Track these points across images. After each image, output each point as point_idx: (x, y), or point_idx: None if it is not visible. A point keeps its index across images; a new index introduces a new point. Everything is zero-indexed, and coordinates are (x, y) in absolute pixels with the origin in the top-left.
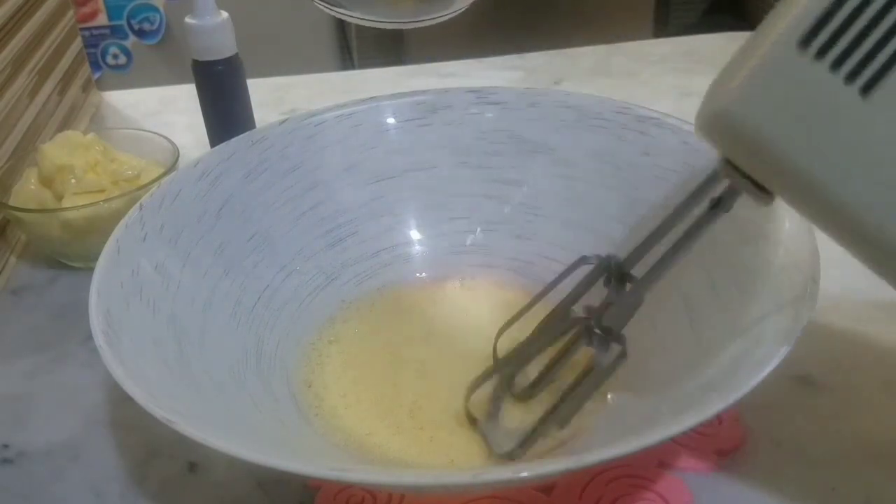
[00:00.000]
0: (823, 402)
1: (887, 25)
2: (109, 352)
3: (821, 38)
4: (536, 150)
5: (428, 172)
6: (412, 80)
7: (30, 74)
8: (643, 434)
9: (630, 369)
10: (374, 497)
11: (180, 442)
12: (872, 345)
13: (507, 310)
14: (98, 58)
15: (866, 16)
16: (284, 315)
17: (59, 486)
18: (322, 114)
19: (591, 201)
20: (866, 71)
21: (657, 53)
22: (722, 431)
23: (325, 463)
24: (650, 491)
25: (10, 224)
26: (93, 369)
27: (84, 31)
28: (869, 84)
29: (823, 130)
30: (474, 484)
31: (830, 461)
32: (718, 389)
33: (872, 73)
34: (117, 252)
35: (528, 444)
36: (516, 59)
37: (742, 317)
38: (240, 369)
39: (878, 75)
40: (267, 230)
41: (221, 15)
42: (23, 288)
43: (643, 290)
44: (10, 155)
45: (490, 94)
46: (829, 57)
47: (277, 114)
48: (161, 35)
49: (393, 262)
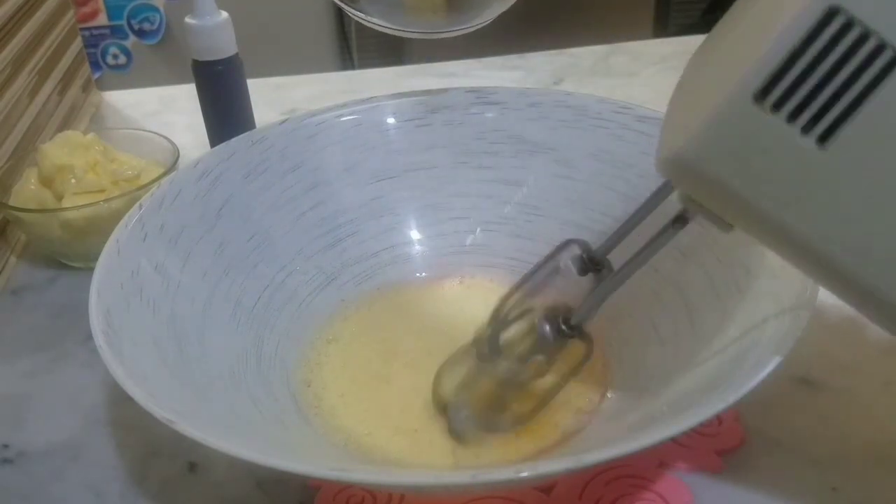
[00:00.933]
0: (823, 402)
1: (841, 79)
2: (109, 352)
3: (777, 91)
4: (536, 150)
5: (428, 172)
6: (412, 80)
7: (30, 74)
8: (643, 434)
9: (630, 369)
10: (374, 497)
11: (180, 442)
12: (872, 345)
13: None
14: (98, 58)
15: (821, 70)
16: (284, 315)
17: (59, 486)
18: (322, 114)
19: (591, 201)
20: (822, 122)
21: (657, 53)
22: (722, 431)
23: (325, 463)
24: (650, 491)
25: (10, 224)
26: (93, 369)
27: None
28: (825, 134)
29: (782, 178)
30: (474, 484)
31: (830, 461)
32: (718, 389)
33: (829, 123)
34: (117, 252)
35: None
36: (516, 59)
37: (742, 317)
38: (240, 369)
39: (835, 125)
40: (267, 230)
41: (221, 15)
42: (23, 288)
43: (605, 294)
44: (10, 155)
45: (490, 94)
46: (785, 109)
47: (277, 114)
48: (161, 35)
49: (393, 261)
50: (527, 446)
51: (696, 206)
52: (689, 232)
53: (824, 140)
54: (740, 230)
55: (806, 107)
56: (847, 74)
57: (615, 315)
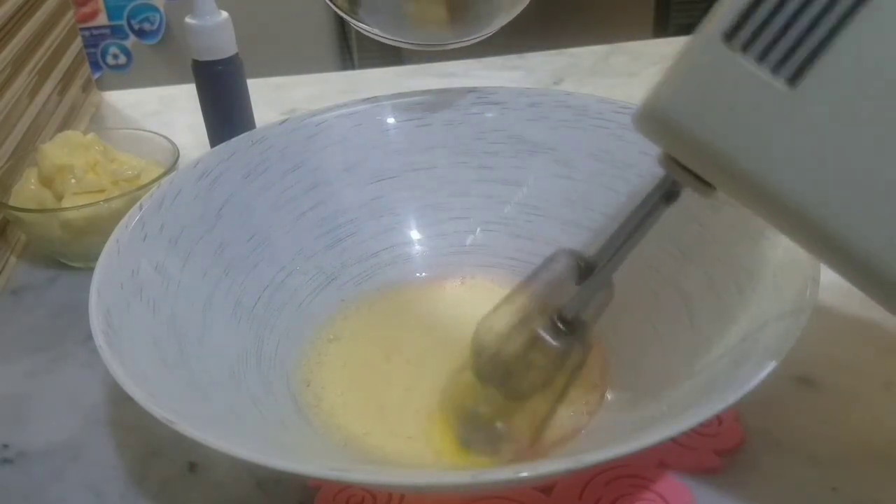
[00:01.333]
0: (823, 402)
1: (811, 16)
2: (109, 352)
3: (746, 30)
4: (536, 150)
5: (428, 172)
6: (412, 80)
7: (30, 74)
8: (643, 434)
9: (629, 369)
10: (374, 497)
11: (180, 442)
12: (872, 345)
13: None
14: (98, 58)
15: (790, 7)
16: (284, 315)
17: (59, 486)
18: (322, 114)
19: (591, 201)
20: (792, 60)
21: (657, 53)
22: (722, 431)
23: (325, 463)
24: (650, 491)
25: (10, 224)
26: (93, 369)
27: (84, 31)
28: (796, 74)
29: (753, 122)
30: (474, 484)
31: (830, 461)
32: (718, 389)
33: (799, 62)
34: (117, 252)
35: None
36: (516, 59)
37: (742, 317)
38: (240, 369)
39: (805, 65)
40: (267, 230)
41: (221, 15)
42: (23, 288)
43: (600, 283)
44: (10, 155)
45: (490, 94)
46: (755, 48)
47: (277, 114)
48: (161, 35)
49: (393, 262)
50: None
51: (676, 169)
52: (689, 232)
53: (795, 80)
54: (721, 192)
55: (776, 45)
56: (816, 11)
57: (615, 315)
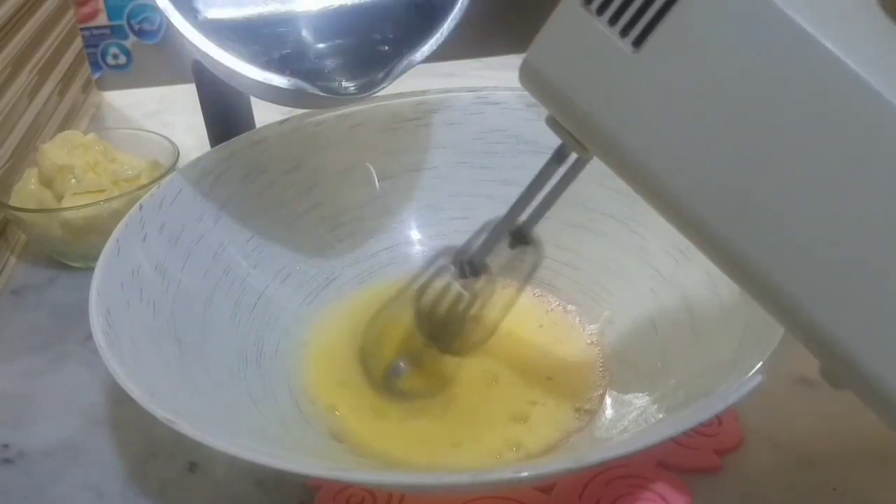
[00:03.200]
0: (823, 402)
1: None
2: (109, 352)
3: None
4: (536, 150)
5: (428, 172)
6: (412, 80)
7: (30, 74)
8: (643, 434)
9: (630, 369)
10: (374, 497)
11: (180, 442)
12: None
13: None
14: (98, 58)
15: None
16: (284, 315)
17: (59, 486)
18: (322, 114)
19: (591, 201)
20: (637, 25)
21: None
22: (722, 431)
23: (325, 463)
24: (650, 491)
25: (10, 224)
26: (93, 369)
27: (84, 31)
28: (639, 38)
29: (605, 81)
30: (474, 484)
31: (830, 461)
32: (718, 390)
33: (642, 27)
34: (117, 252)
35: None
36: (516, 59)
37: (742, 317)
38: (240, 369)
39: (647, 29)
40: (267, 230)
41: None
42: (23, 288)
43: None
44: (10, 155)
45: (490, 94)
46: (608, 11)
47: (277, 114)
48: (161, 35)
49: (393, 261)
50: (528, 445)
51: (557, 127)
52: None
53: (638, 43)
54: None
55: (625, 10)
56: None
57: (615, 315)
